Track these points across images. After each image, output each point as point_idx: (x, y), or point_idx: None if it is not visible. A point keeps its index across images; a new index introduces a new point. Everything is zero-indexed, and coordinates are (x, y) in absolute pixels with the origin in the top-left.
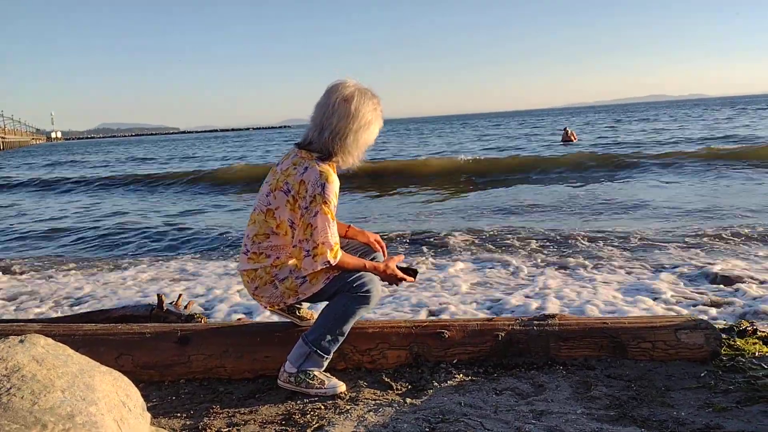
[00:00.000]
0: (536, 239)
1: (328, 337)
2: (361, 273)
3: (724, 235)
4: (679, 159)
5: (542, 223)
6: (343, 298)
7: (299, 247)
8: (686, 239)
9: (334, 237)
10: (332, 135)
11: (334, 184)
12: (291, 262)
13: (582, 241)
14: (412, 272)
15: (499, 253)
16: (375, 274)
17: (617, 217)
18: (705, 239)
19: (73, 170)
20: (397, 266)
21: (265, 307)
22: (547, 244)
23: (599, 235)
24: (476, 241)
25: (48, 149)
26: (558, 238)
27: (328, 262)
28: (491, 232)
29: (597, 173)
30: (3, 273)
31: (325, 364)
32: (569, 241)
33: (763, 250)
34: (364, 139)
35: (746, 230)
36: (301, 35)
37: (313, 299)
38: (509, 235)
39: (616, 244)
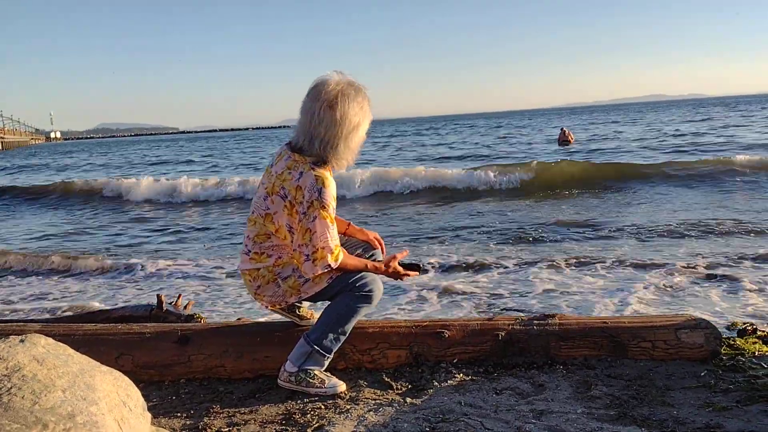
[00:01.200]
0: (542, 242)
1: (330, 336)
2: (363, 273)
3: (725, 237)
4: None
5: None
6: (345, 297)
7: (299, 251)
8: (686, 240)
9: (334, 240)
10: (322, 144)
11: (331, 187)
12: (293, 261)
13: (583, 239)
14: (416, 267)
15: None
16: (376, 274)
17: (621, 219)
18: (705, 240)
19: None
20: (400, 262)
21: (266, 307)
22: (548, 244)
23: (600, 234)
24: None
25: (35, 150)
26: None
27: (329, 265)
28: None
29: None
30: None
31: (327, 363)
32: (569, 241)
33: (763, 250)
34: (356, 142)
35: (748, 232)
36: (300, 35)
37: (315, 298)
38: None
39: (617, 244)
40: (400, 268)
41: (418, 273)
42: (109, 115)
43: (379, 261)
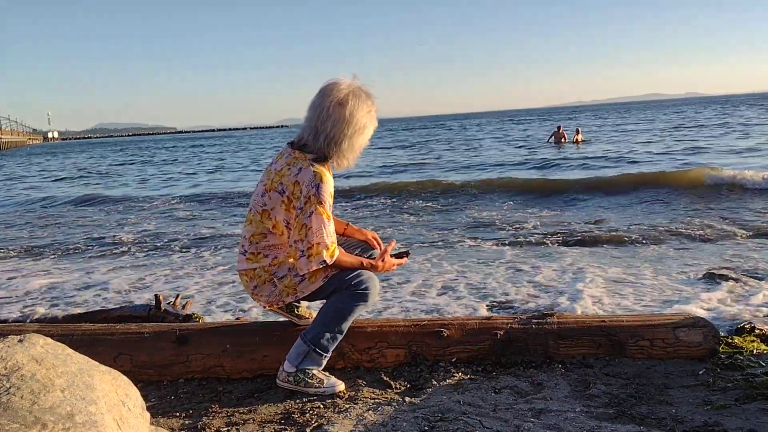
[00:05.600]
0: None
1: (327, 336)
2: (359, 271)
3: (724, 235)
4: None
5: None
6: (342, 296)
7: (294, 247)
8: (685, 239)
9: (330, 237)
10: (327, 140)
11: (329, 184)
12: (290, 260)
13: (584, 237)
14: (405, 254)
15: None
16: (372, 271)
17: (621, 218)
18: (704, 239)
19: None
20: (391, 254)
21: (264, 307)
22: (556, 243)
23: (600, 233)
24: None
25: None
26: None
27: (324, 261)
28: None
29: None
30: None
31: (324, 362)
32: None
33: (762, 249)
34: (359, 144)
35: (747, 230)
36: (299, 35)
37: (312, 297)
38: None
39: (617, 242)
40: (395, 261)
41: (407, 259)
42: (106, 116)
43: (373, 259)
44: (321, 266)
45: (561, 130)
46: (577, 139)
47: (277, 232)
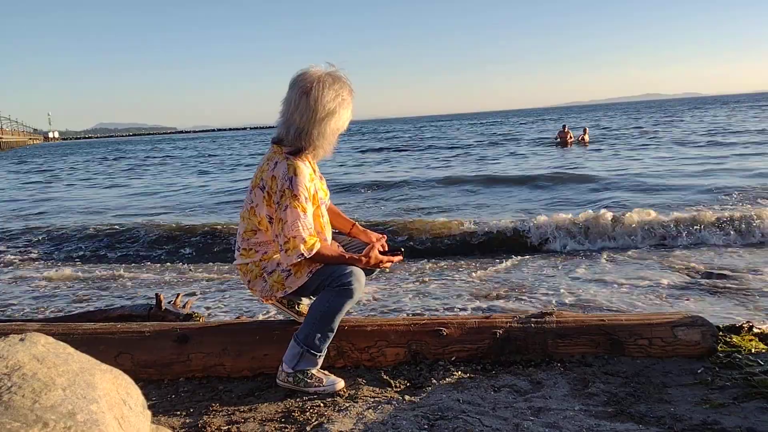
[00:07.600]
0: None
1: (318, 335)
2: (344, 266)
3: (724, 233)
4: None
5: None
6: (327, 293)
7: (276, 241)
8: (685, 238)
9: (306, 230)
10: (297, 131)
11: (302, 176)
12: (276, 256)
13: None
14: (398, 251)
15: None
16: (357, 266)
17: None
18: (703, 237)
19: None
20: (382, 250)
21: (261, 300)
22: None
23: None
24: None
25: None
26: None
27: (303, 254)
28: None
29: None
30: None
31: (320, 361)
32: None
33: (761, 247)
34: (330, 130)
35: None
36: (298, 33)
37: (301, 293)
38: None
39: (618, 241)
40: (381, 257)
41: (401, 257)
42: (106, 115)
43: (359, 253)
44: (300, 259)
45: (567, 130)
46: (583, 139)
47: (263, 228)
